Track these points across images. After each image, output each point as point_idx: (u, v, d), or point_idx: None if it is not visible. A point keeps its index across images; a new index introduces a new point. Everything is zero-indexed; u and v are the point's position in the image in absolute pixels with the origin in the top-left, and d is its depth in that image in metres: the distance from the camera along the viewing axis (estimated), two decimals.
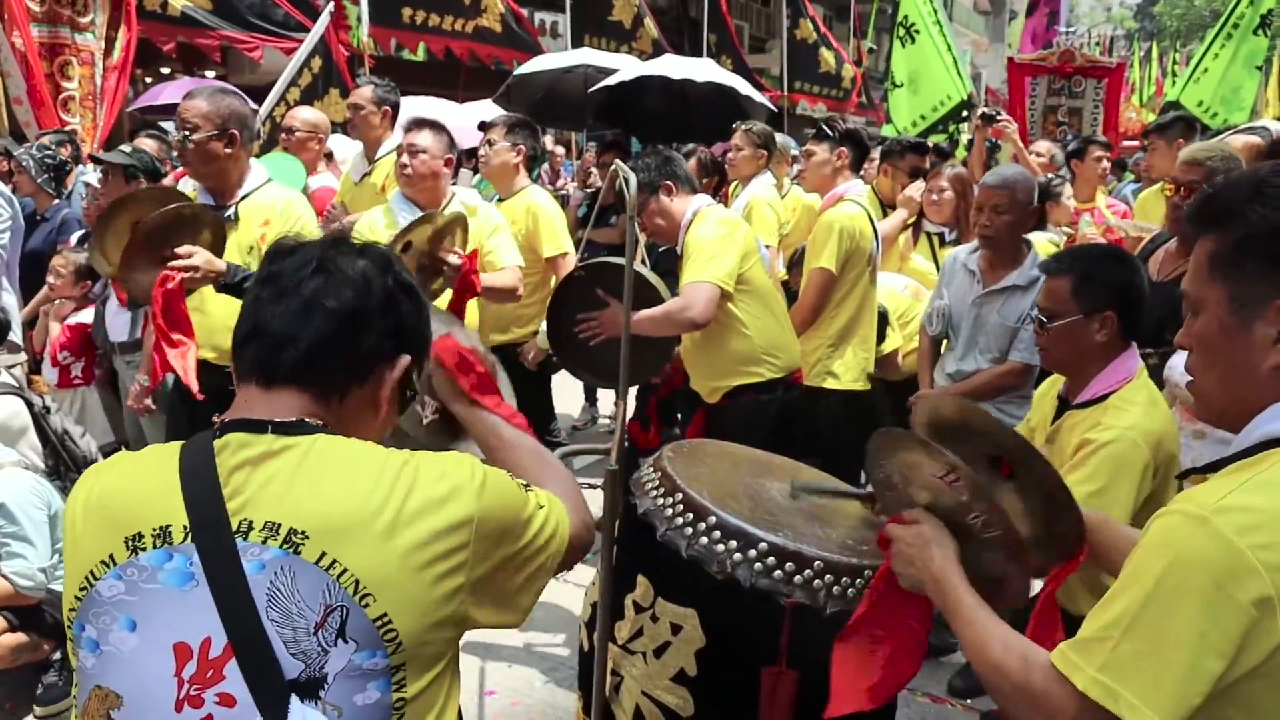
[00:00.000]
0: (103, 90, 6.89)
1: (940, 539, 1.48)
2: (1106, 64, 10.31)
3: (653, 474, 2.12)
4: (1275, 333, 1.18)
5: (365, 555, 1.13)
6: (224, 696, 1.09)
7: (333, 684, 1.11)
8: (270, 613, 1.10)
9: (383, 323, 1.29)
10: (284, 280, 1.25)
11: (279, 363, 1.23)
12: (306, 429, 1.21)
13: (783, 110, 12.86)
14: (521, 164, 4.47)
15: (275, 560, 1.11)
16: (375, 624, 1.12)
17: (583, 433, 6.43)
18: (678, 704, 1.98)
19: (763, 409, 3.39)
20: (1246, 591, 1.07)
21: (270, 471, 1.16)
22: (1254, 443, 1.20)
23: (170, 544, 1.13)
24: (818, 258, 3.85)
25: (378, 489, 1.17)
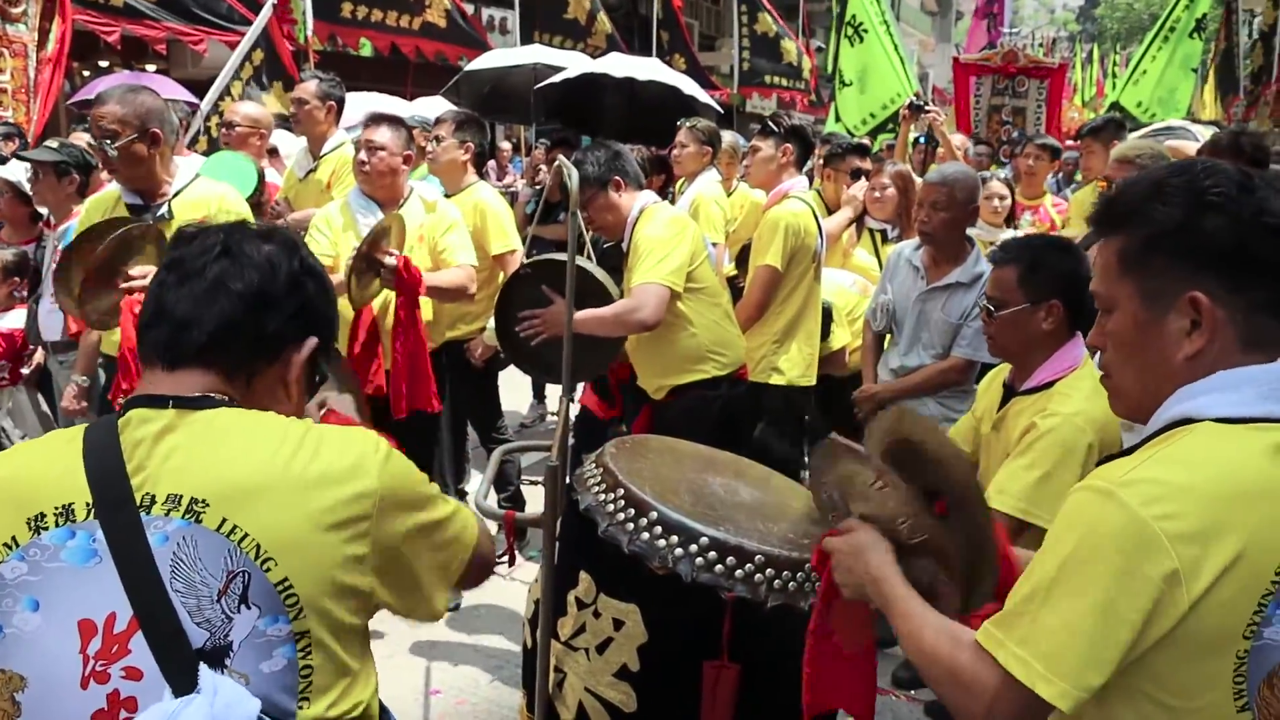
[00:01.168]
0: (36, 83, 6.72)
1: (875, 543, 1.49)
2: (1049, 64, 10.51)
3: (595, 470, 2.11)
4: (1188, 324, 1.21)
5: (266, 519, 1.14)
6: (130, 670, 1.09)
7: (239, 651, 1.11)
8: (174, 583, 1.10)
9: (289, 305, 1.29)
10: (188, 264, 1.25)
11: (183, 344, 1.23)
12: (209, 403, 1.21)
13: (732, 108, 12.93)
14: (469, 161, 4.44)
15: (178, 531, 1.11)
16: (277, 588, 1.12)
17: (531, 430, 6.40)
18: (620, 700, 1.98)
19: (708, 405, 3.40)
20: (1153, 563, 1.11)
21: (171, 445, 1.16)
22: (1164, 424, 1.23)
23: (73, 522, 1.13)
24: (763, 255, 3.86)
25: (279, 454, 1.18)
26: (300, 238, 1.36)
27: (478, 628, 3.84)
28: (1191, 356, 1.21)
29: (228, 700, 1.07)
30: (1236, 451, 1.16)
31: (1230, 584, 1.12)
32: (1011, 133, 9.51)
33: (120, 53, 10.24)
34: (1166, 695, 1.18)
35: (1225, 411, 1.18)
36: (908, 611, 1.36)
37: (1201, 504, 1.12)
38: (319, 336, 1.34)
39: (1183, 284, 1.21)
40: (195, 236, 1.30)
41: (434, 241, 3.76)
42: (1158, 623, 1.12)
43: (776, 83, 14.87)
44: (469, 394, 4.54)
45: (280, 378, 1.31)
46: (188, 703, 1.05)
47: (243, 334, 1.25)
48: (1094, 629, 1.13)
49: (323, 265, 1.37)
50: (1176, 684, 1.17)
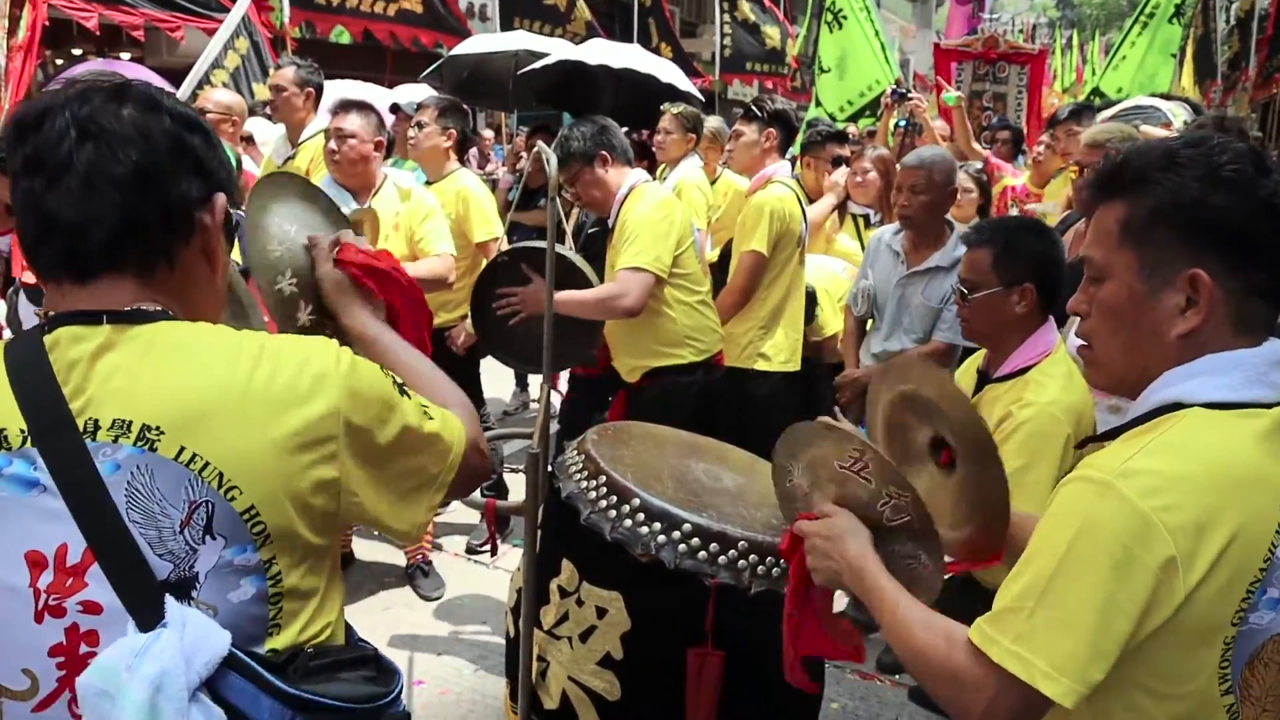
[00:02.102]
0: (7, 72, 6.60)
1: (854, 528, 1.45)
2: (1029, 50, 10.52)
3: (576, 457, 2.10)
4: (1184, 301, 1.19)
5: (227, 446, 1.06)
6: (88, 604, 1.04)
7: (205, 582, 1.06)
8: (131, 514, 1.04)
9: (180, 170, 1.14)
10: (48, 159, 1.09)
11: (85, 252, 1.10)
12: (147, 316, 1.11)
13: (714, 94, 12.88)
14: (452, 148, 4.41)
15: (131, 459, 1.04)
16: (243, 517, 1.07)
17: (514, 417, 6.38)
18: (604, 688, 1.97)
19: (683, 390, 3.38)
20: (1152, 554, 1.10)
21: (112, 364, 1.07)
22: (1152, 408, 1.22)
23: (8, 449, 1.05)
24: (748, 240, 3.84)
25: (235, 376, 1.10)
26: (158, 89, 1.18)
27: (461, 617, 3.82)
28: (1184, 334, 1.19)
29: (197, 632, 1.02)
30: (1228, 439, 1.15)
31: (1222, 573, 1.12)
32: (991, 118, 9.52)
33: (95, 40, 10.11)
34: (1156, 684, 1.17)
35: (1214, 396, 1.18)
36: (894, 605, 1.32)
37: (1197, 494, 1.12)
38: (224, 189, 1.20)
39: (1185, 260, 1.18)
40: (40, 122, 1.10)
41: (411, 230, 3.73)
42: (1155, 613, 1.11)
43: (758, 69, 14.82)
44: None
45: (203, 248, 1.18)
46: (156, 637, 1.00)
47: (146, 221, 1.11)
48: (1095, 623, 1.11)
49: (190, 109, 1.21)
50: (1168, 672, 1.17)
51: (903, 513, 1.46)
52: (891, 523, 1.47)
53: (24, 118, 1.12)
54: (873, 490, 1.48)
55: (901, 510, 1.46)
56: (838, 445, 1.52)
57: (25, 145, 1.10)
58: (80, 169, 1.08)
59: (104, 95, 1.13)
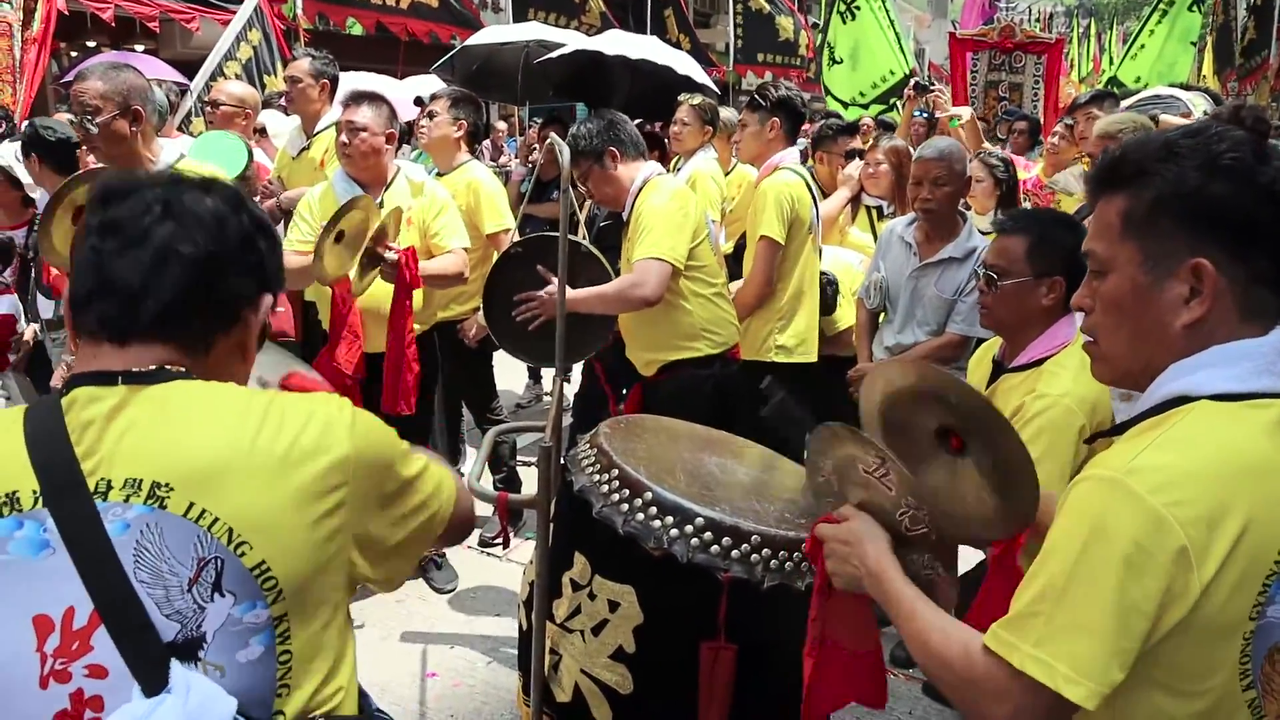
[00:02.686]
0: (22, 64, 6.64)
1: (873, 533, 1.45)
2: (1046, 39, 10.43)
3: (589, 450, 2.09)
4: (1188, 291, 1.18)
5: (237, 501, 1.07)
6: (94, 668, 1.03)
7: (212, 642, 1.06)
8: (139, 573, 1.04)
9: (243, 265, 1.21)
10: (127, 227, 1.14)
11: (135, 318, 1.14)
12: (162, 376, 1.13)
13: (729, 85, 12.83)
14: (463, 139, 4.40)
15: (140, 518, 1.04)
16: (253, 572, 1.07)
17: (526, 411, 6.38)
18: (616, 681, 1.96)
19: (699, 384, 3.36)
20: (1165, 550, 1.09)
21: (124, 424, 1.09)
22: (1159, 401, 1.21)
23: (19, 511, 1.05)
24: (760, 227, 3.78)
25: (243, 431, 1.11)
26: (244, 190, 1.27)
27: (474, 610, 3.83)
28: (1190, 325, 1.19)
29: (201, 698, 1.02)
30: (1236, 430, 1.14)
31: (1237, 565, 1.11)
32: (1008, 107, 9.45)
33: (109, 31, 10.15)
34: (1176, 681, 1.16)
35: (1222, 387, 1.17)
36: (912, 611, 1.32)
37: (1207, 487, 1.10)
38: (272, 293, 1.26)
39: (1187, 250, 1.18)
40: (128, 194, 1.17)
41: (425, 225, 3.72)
42: (1172, 609, 1.10)
43: (771, 60, 14.75)
44: (463, 375, 4.51)
45: (240, 342, 1.24)
46: (159, 703, 1.00)
47: (199, 302, 1.17)
48: (1114, 624, 1.10)
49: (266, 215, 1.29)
50: (1187, 670, 1.16)
51: (920, 524, 1.46)
52: (910, 532, 1.47)
53: (116, 188, 1.19)
54: (893, 498, 1.48)
55: (919, 522, 1.46)
56: (863, 449, 1.53)
57: (108, 210, 1.16)
58: (155, 242, 1.14)
59: (196, 185, 1.21)
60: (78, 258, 1.16)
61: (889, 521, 1.48)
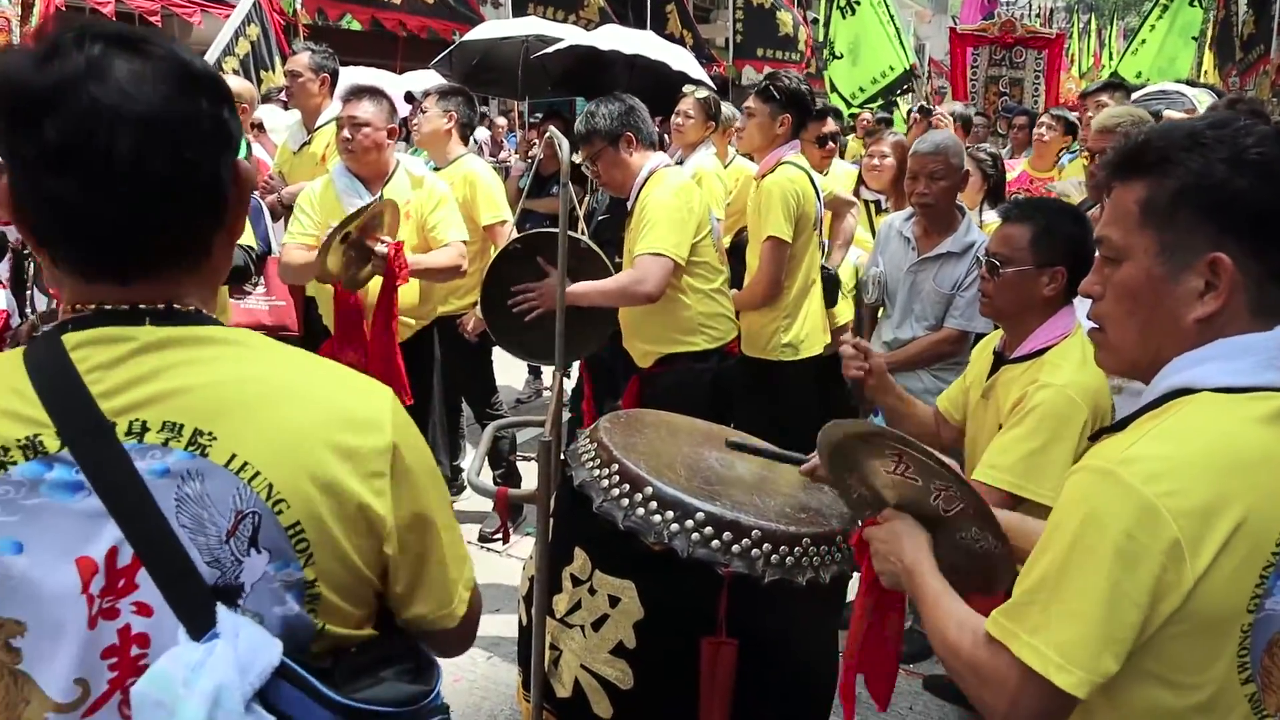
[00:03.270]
0: None
1: (910, 531, 1.48)
2: (1046, 35, 10.44)
3: (589, 445, 2.09)
4: (1203, 285, 1.17)
5: (280, 459, 1.03)
6: (141, 606, 1.01)
7: (250, 593, 1.03)
8: (180, 519, 1.00)
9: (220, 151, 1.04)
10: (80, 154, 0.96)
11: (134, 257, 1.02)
12: (191, 318, 1.05)
13: (728, 80, 12.80)
14: (454, 130, 4.39)
15: (180, 464, 1.00)
16: (288, 533, 1.03)
17: (527, 405, 6.37)
18: (617, 676, 1.96)
19: (697, 378, 3.36)
20: (1157, 540, 1.08)
21: (155, 365, 1.02)
22: (1161, 394, 1.20)
23: (45, 454, 0.99)
24: (766, 226, 3.75)
25: (290, 390, 1.06)
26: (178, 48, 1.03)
27: None
28: (1202, 319, 1.18)
29: (250, 643, 0.99)
30: (1234, 421, 1.14)
31: (1232, 557, 1.10)
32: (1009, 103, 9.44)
33: None
34: (1174, 674, 1.16)
35: (1225, 381, 1.16)
36: (935, 602, 1.34)
37: (1202, 478, 1.10)
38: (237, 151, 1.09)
39: (1206, 243, 1.16)
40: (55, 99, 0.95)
41: (423, 218, 3.71)
42: (1165, 600, 1.10)
43: (771, 55, 14.72)
44: (463, 370, 4.50)
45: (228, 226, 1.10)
46: (210, 649, 0.97)
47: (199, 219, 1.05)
48: (1104, 613, 1.10)
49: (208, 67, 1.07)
50: (1184, 663, 1.15)
51: (955, 501, 1.47)
52: (948, 512, 1.48)
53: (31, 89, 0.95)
54: (921, 487, 1.49)
55: (953, 499, 1.47)
56: (879, 453, 1.53)
57: (39, 130, 0.94)
58: (127, 170, 0.96)
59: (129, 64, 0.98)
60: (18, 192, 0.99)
61: (926, 510, 1.49)
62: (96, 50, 0.97)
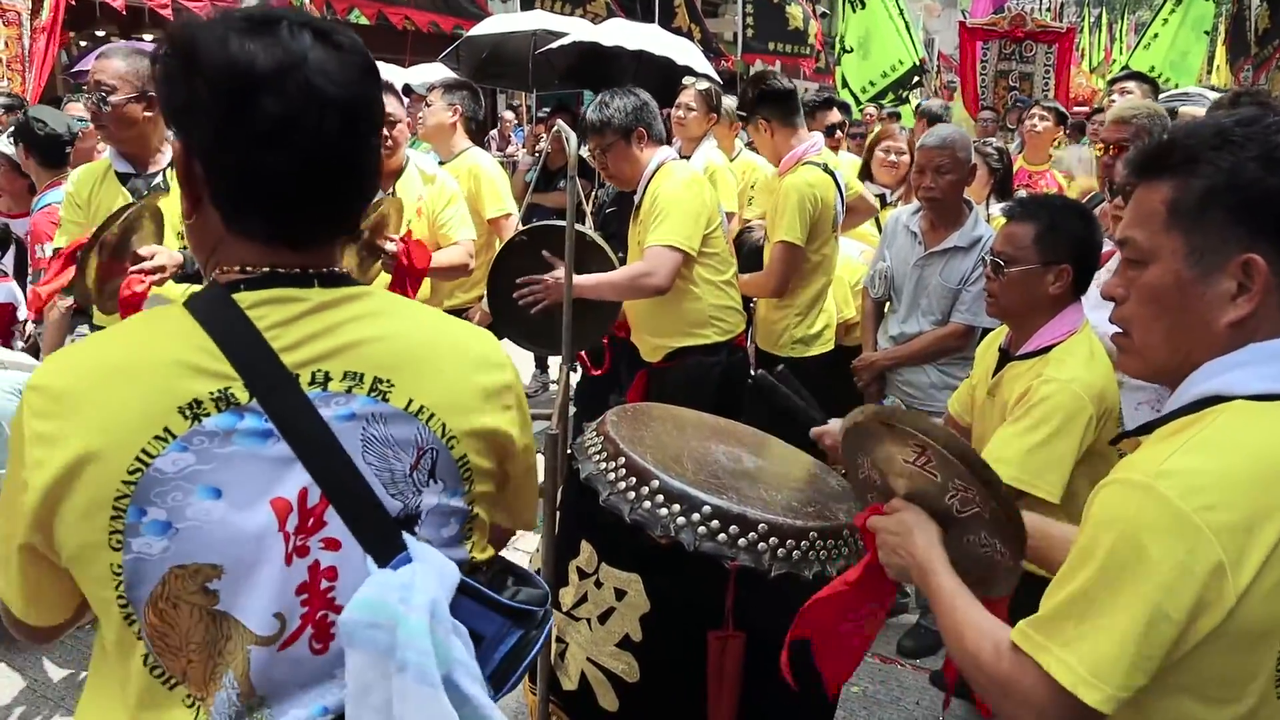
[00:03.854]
0: (31, 52, 6.63)
1: (921, 524, 1.45)
2: (1057, 29, 10.38)
3: (596, 438, 2.09)
4: (1235, 287, 1.14)
5: (447, 398, 1.16)
6: (329, 541, 1.11)
7: (424, 520, 1.16)
8: (367, 457, 1.12)
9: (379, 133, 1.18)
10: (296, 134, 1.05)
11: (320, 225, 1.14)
12: (350, 280, 1.18)
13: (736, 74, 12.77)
14: (458, 124, 4.39)
15: (365, 408, 1.12)
16: (458, 463, 1.18)
17: (534, 399, 6.38)
18: (623, 670, 1.96)
19: (707, 372, 3.35)
20: (1197, 559, 1.05)
21: (331, 322, 1.13)
22: (1191, 400, 1.17)
23: (237, 405, 1.07)
24: (779, 230, 3.72)
25: (441, 341, 1.20)
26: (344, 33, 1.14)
27: None
28: (1235, 322, 1.14)
29: (440, 563, 1.11)
30: (1272, 432, 1.10)
31: (1274, 571, 1.07)
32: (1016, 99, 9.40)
33: (119, 21, 10.15)
34: (1209, 689, 1.13)
35: (1258, 388, 1.13)
36: (951, 606, 1.31)
37: (1242, 491, 1.07)
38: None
39: (1238, 244, 1.13)
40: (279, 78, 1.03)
41: (433, 215, 3.71)
42: (1204, 618, 1.07)
43: (780, 49, 14.67)
44: None
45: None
46: (415, 572, 1.08)
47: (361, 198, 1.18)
48: (1141, 630, 1.08)
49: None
50: (1221, 677, 1.12)
51: (971, 504, 1.44)
52: (962, 513, 1.46)
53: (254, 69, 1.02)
54: (939, 484, 1.46)
55: (970, 502, 1.44)
56: (900, 442, 1.51)
57: (256, 107, 1.02)
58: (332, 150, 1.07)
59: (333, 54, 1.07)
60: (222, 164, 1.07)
61: (938, 506, 1.47)
62: (306, 39, 1.07)
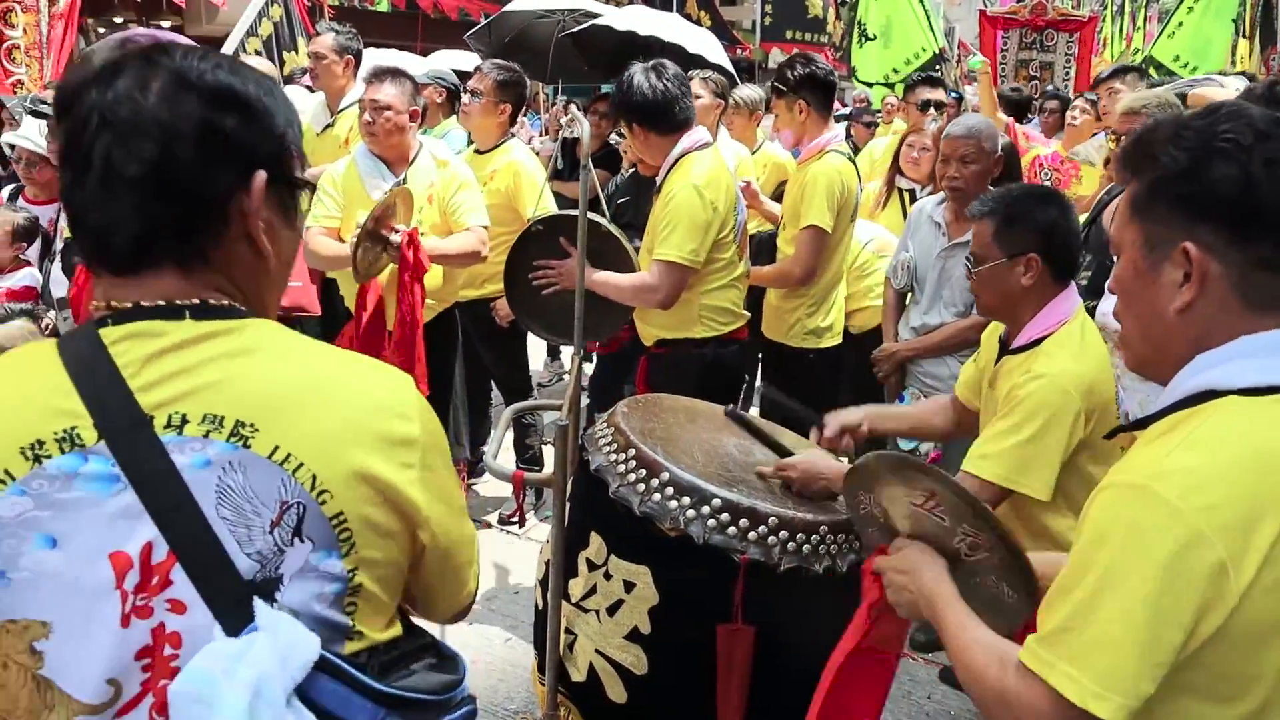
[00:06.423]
0: (49, 39, 6.66)
1: (928, 560, 1.45)
2: (1078, 17, 10.26)
3: (606, 430, 2.08)
4: (1181, 275, 1.16)
5: (321, 449, 1.03)
6: (174, 603, 1.00)
7: (288, 585, 1.03)
8: (221, 510, 1.00)
9: (207, 159, 1.04)
10: (74, 151, 1.02)
11: (117, 253, 1.04)
12: (230, 313, 1.06)
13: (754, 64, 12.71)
14: (504, 123, 4.38)
15: (223, 455, 1.00)
16: (331, 522, 1.04)
17: (547, 389, 6.37)
18: (631, 662, 1.95)
19: (690, 362, 3.29)
20: (1200, 559, 1.04)
21: (196, 359, 1.03)
22: (1185, 395, 1.16)
23: (81, 447, 0.99)
24: (808, 215, 3.67)
25: (331, 379, 1.08)
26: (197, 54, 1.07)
27: (492, 588, 3.84)
28: (1181, 310, 1.16)
29: (290, 636, 0.99)
30: (1268, 426, 1.09)
31: (1275, 567, 1.06)
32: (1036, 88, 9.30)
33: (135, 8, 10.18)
34: (1217, 687, 1.12)
35: (1250, 381, 1.12)
36: (960, 628, 1.32)
37: (1240, 489, 1.06)
38: (268, 166, 1.08)
39: (1179, 233, 1.15)
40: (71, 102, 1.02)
41: (444, 200, 3.70)
42: (1208, 619, 1.06)
43: (799, 37, 14.56)
44: (496, 355, 4.50)
45: (242, 236, 1.08)
46: (251, 642, 0.97)
47: (163, 224, 1.03)
48: (1144, 638, 1.06)
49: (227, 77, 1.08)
50: (1228, 675, 1.11)
51: (980, 549, 1.43)
52: (969, 556, 1.45)
53: (61, 94, 1.05)
54: (947, 528, 1.45)
55: (979, 547, 1.43)
56: (909, 485, 1.49)
57: (61, 129, 1.04)
58: (97, 167, 1.01)
59: (133, 73, 1.02)
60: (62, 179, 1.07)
61: (946, 548, 1.46)
62: (114, 58, 1.03)
